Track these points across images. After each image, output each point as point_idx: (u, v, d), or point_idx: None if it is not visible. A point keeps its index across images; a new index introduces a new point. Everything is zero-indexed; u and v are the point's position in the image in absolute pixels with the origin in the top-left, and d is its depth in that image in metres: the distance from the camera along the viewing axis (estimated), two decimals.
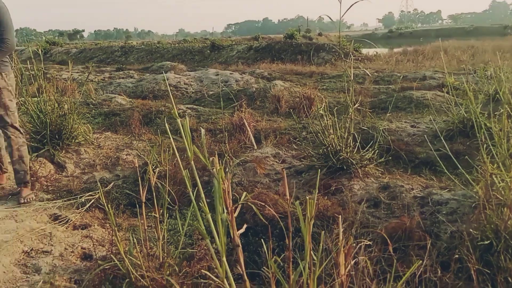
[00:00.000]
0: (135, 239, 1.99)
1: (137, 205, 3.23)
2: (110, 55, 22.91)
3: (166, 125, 1.70)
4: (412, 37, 47.58)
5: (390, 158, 3.62)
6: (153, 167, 3.59)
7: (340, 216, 1.32)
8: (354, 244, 1.45)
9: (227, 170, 1.38)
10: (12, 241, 2.30)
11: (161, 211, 2.03)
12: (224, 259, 1.31)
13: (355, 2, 3.06)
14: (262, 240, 2.54)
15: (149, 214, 2.14)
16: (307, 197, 1.25)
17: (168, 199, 2.07)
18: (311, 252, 1.27)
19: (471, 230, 2.10)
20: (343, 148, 3.41)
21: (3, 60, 3.09)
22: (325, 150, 3.57)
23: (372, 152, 3.47)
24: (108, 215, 2.90)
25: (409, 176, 3.43)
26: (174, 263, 1.90)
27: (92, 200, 3.04)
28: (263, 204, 1.96)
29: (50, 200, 3.17)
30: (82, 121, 4.71)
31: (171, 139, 1.46)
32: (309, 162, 3.76)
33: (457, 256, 1.94)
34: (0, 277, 2.00)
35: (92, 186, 3.58)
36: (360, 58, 14.36)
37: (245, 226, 1.45)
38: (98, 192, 3.18)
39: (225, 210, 1.35)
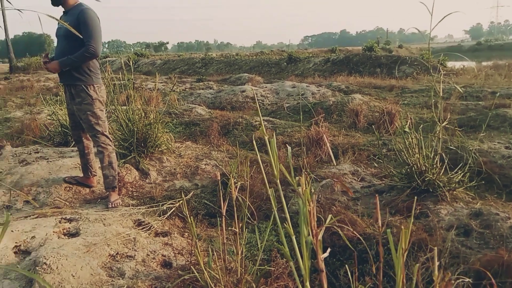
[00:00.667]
0: (214, 252, 2.01)
1: (216, 216, 3.29)
2: (191, 66, 23.97)
3: (253, 144, 1.69)
4: (503, 50, 44.13)
5: (482, 182, 3.33)
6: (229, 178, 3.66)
7: (435, 248, 1.21)
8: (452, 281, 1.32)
9: (312, 191, 1.33)
10: (100, 244, 2.43)
11: (240, 224, 2.02)
12: (308, 284, 1.26)
13: (449, 14, 2.86)
14: (342, 262, 2.45)
15: (229, 227, 2.15)
16: (402, 227, 1.16)
17: (248, 213, 2.06)
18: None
19: None
20: (429, 169, 3.19)
21: (96, 73, 3.32)
22: (408, 170, 3.37)
23: (462, 174, 3.21)
24: (189, 226, 2.99)
25: (504, 203, 3.12)
26: (252, 280, 1.88)
27: (173, 209, 3.14)
28: (346, 226, 1.88)
29: (134, 205, 3.34)
30: (165, 130, 4.93)
31: (258, 156, 1.44)
32: (391, 181, 3.58)
33: None
34: (87, 279, 2.12)
35: (173, 194, 3.71)
36: (445, 72, 13.56)
37: (329, 250, 1.39)
38: (179, 201, 3.29)
39: (310, 232, 1.30)
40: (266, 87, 11.05)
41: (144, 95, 6.55)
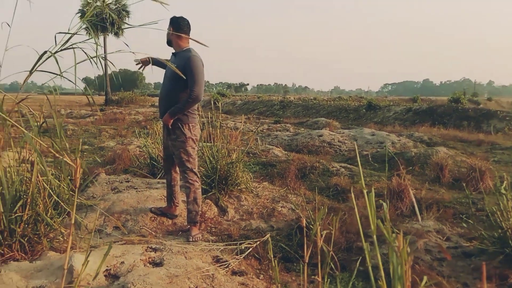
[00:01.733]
0: None
1: (291, 261, 3.27)
2: (269, 108, 24.57)
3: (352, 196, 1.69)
4: None
5: None
6: (308, 224, 3.63)
7: None
8: None
9: (408, 250, 1.29)
10: (182, 277, 2.52)
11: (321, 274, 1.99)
12: None
13: None
14: None
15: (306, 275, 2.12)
16: None
17: (331, 264, 2.03)
18: None
19: None
20: None
21: (193, 113, 3.54)
22: (502, 234, 3.12)
23: None
24: (265, 267, 2.99)
25: None
26: None
27: (250, 249, 3.18)
28: None
29: (213, 241, 3.43)
30: (244, 169, 5.06)
31: (355, 206, 1.44)
32: (480, 245, 3.32)
33: None
34: None
35: (249, 233, 3.76)
36: None
37: None
38: (256, 241, 3.32)
39: None
40: (343, 132, 10.97)
41: (226, 134, 6.84)
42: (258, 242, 3.31)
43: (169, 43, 3.59)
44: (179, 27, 3.50)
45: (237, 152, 4.75)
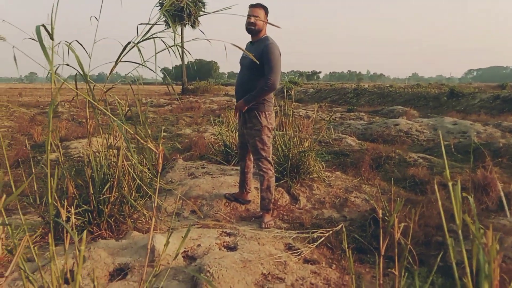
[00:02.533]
0: None
1: (364, 252, 3.20)
2: (342, 96, 24.03)
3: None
4: None
5: None
6: (383, 216, 3.52)
7: None
8: None
9: (498, 248, 1.20)
10: (255, 262, 2.57)
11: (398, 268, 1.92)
12: None
13: None
14: None
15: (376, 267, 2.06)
16: None
17: (409, 258, 1.96)
18: None
19: None
20: None
21: (269, 101, 3.55)
22: None
23: None
24: (339, 258, 2.96)
25: None
26: None
27: (323, 238, 3.16)
28: None
29: (285, 229, 3.46)
30: (316, 158, 5.01)
31: (438, 199, 1.37)
32: None
33: None
34: None
35: (321, 222, 3.74)
36: None
37: None
38: (328, 230, 3.29)
39: None
40: (422, 121, 10.42)
41: (296, 122, 6.81)
42: (331, 232, 3.28)
43: (250, 30, 3.44)
44: (267, 13, 3.47)
45: (309, 140, 4.72)
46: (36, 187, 2.60)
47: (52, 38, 1.17)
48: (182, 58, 36.35)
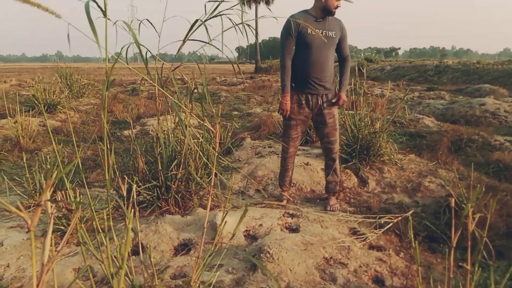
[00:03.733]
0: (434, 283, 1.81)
1: (437, 241, 3.00)
2: (422, 73, 22.64)
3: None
4: None
5: None
6: (460, 203, 3.26)
7: None
8: None
9: None
10: (317, 245, 2.51)
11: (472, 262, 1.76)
12: None
13: None
14: None
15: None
16: None
17: (484, 252, 1.78)
18: None
19: None
20: None
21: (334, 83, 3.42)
22: None
23: None
24: (408, 246, 2.81)
25: None
26: None
27: (391, 224, 3.00)
28: None
29: (351, 213, 3.35)
30: (389, 140, 4.76)
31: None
32: None
33: None
34: (302, 276, 2.21)
35: (390, 207, 3.56)
36: None
37: None
38: (398, 216, 3.13)
39: None
40: None
41: (370, 101, 6.51)
42: (400, 218, 3.11)
43: (333, 13, 3.17)
44: None
45: (381, 121, 4.49)
46: (113, 162, 2.75)
47: (105, 15, 1.17)
48: (256, 37, 36.43)
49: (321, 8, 3.13)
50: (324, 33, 3.14)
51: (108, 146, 1.54)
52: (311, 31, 3.08)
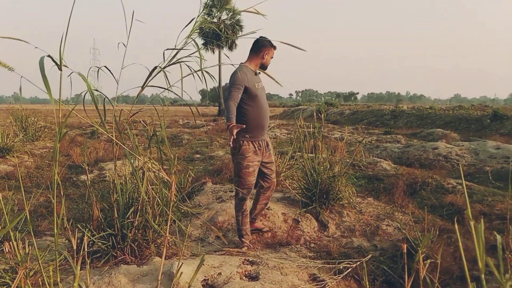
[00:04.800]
0: None
1: (395, 285, 3.03)
2: (379, 118, 23.57)
3: None
4: None
5: None
6: (415, 247, 3.33)
7: None
8: None
9: None
10: None
11: None
12: None
13: None
14: None
15: None
16: None
17: None
18: None
19: None
20: None
21: None
22: None
23: None
24: None
25: None
26: None
27: (350, 269, 3.02)
28: None
29: (311, 258, 3.34)
30: (348, 183, 4.87)
31: (473, 231, 1.27)
32: None
33: None
34: None
35: (350, 252, 3.59)
36: None
37: None
38: (356, 261, 3.15)
39: None
40: (463, 145, 9.99)
41: (330, 145, 6.69)
42: (358, 263, 3.13)
43: (266, 68, 3.63)
44: None
45: (339, 164, 4.60)
46: (65, 210, 2.64)
47: (60, 69, 1.18)
48: (219, 81, 37.08)
49: (259, 65, 3.55)
50: (261, 85, 3.57)
51: (61, 195, 1.49)
52: (256, 85, 3.45)
